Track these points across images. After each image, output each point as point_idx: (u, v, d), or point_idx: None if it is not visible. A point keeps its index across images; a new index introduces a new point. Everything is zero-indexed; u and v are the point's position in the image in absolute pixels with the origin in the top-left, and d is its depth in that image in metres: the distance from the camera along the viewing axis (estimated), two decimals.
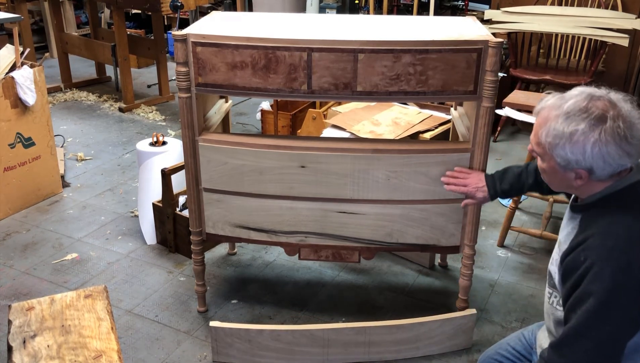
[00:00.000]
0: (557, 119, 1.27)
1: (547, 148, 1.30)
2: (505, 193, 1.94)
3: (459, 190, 2.01)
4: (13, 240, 2.95)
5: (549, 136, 1.29)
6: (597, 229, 1.28)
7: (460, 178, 2.01)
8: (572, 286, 1.29)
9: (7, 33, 3.95)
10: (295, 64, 1.90)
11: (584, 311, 1.25)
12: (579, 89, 1.30)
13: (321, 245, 2.18)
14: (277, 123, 3.81)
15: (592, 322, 1.24)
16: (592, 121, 1.24)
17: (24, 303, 1.78)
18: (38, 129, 3.23)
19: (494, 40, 1.86)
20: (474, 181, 1.98)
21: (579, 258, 1.28)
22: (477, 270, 2.67)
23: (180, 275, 2.69)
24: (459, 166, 2.02)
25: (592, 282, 1.24)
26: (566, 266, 1.33)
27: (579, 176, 1.30)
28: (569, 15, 3.86)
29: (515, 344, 1.70)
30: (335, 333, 2.13)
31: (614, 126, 1.23)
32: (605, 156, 1.24)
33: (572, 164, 1.28)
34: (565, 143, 1.26)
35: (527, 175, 1.87)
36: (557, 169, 1.32)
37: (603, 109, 1.25)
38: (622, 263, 1.22)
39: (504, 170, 1.96)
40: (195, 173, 2.13)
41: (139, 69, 5.82)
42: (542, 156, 1.35)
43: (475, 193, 1.98)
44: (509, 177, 1.92)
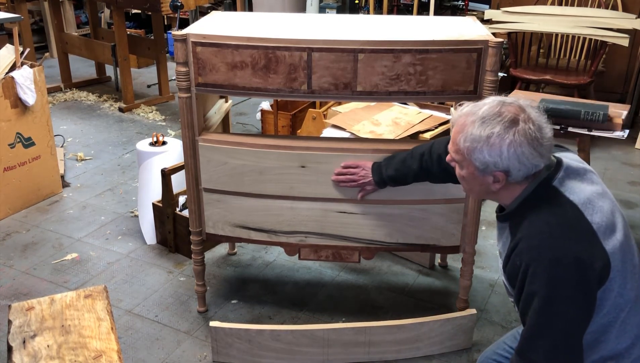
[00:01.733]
0: (474, 124, 1.32)
1: (466, 153, 1.34)
2: (392, 178, 1.95)
3: (349, 185, 2.03)
4: (13, 240, 2.95)
5: (467, 141, 1.33)
6: (522, 232, 1.33)
7: (349, 173, 2.02)
8: (518, 291, 1.34)
9: (7, 33, 3.95)
10: (295, 64, 1.90)
11: (532, 313, 1.29)
12: (491, 98, 1.37)
13: (321, 245, 2.18)
14: (277, 123, 3.81)
15: (542, 321, 1.28)
16: (506, 123, 1.29)
17: (24, 303, 1.78)
18: (38, 129, 3.23)
19: (494, 40, 1.86)
20: (360, 173, 2.00)
21: (516, 263, 1.32)
22: (477, 270, 2.67)
23: (180, 275, 2.69)
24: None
25: (531, 283, 1.28)
26: (508, 273, 1.37)
27: (496, 179, 1.35)
28: (569, 15, 3.86)
29: (511, 342, 1.70)
30: (335, 333, 2.13)
31: (526, 128, 1.29)
32: (520, 156, 1.29)
33: (490, 167, 1.32)
34: (482, 146, 1.31)
35: (412, 160, 1.89)
36: (476, 174, 1.36)
37: (515, 113, 1.31)
38: (551, 256, 1.26)
39: (391, 156, 1.98)
40: (195, 173, 2.13)
41: (139, 69, 5.82)
42: (461, 162, 1.39)
43: (365, 184, 2.00)
44: (394, 163, 1.94)
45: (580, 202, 1.32)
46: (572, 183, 1.35)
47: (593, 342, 1.34)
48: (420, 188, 2.04)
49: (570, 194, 1.33)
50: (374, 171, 1.98)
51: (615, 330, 1.33)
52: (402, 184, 1.98)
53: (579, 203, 1.32)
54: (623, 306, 1.32)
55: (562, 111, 2.44)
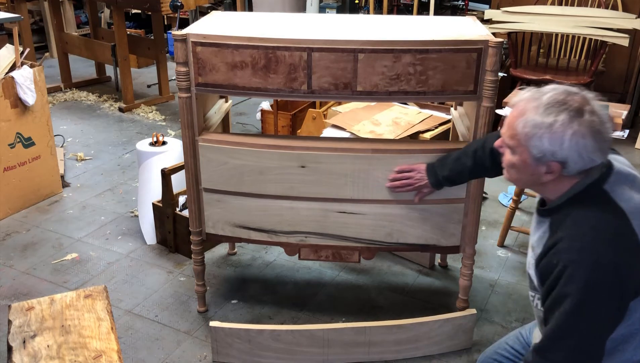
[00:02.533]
0: (537, 110, 1.27)
1: (523, 139, 1.30)
2: (448, 178, 1.93)
3: (405, 190, 2.02)
4: (13, 240, 2.95)
5: (527, 127, 1.28)
6: (564, 231, 1.30)
7: (404, 178, 2.01)
8: (548, 289, 1.31)
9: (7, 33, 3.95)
10: (295, 64, 1.90)
11: (562, 313, 1.26)
12: (553, 85, 1.32)
13: (321, 245, 2.18)
14: (277, 123, 3.81)
15: (570, 323, 1.26)
16: (571, 112, 1.25)
17: (23, 303, 1.78)
18: (38, 129, 3.23)
19: (494, 40, 1.86)
20: (416, 176, 1.99)
21: (552, 262, 1.29)
22: (477, 270, 2.67)
23: (180, 275, 2.69)
24: None
25: (566, 284, 1.25)
26: (541, 270, 1.35)
27: (550, 169, 1.30)
28: (569, 15, 3.86)
29: (513, 343, 1.70)
30: (335, 333, 2.13)
31: (591, 120, 1.24)
32: (581, 148, 1.25)
33: (547, 156, 1.28)
34: (544, 133, 1.26)
35: (466, 158, 1.87)
36: (529, 162, 1.32)
37: (580, 103, 1.26)
38: (592, 262, 1.23)
39: (444, 156, 1.96)
40: (195, 173, 2.13)
41: (139, 69, 5.82)
42: (514, 148, 1.34)
43: (422, 188, 1.99)
44: (448, 162, 1.93)
45: (630, 211, 1.28)
46: (622, 189, 1.31)
47: (611, 349, 1.32)
48: None
49: (620, 201, 1.29)
50: (429, 172, 1.96)
51: (635, 341, 1.32)
52: (459, 183, 1.97)
53: (628, 211, 1.28)
54: None
55: None
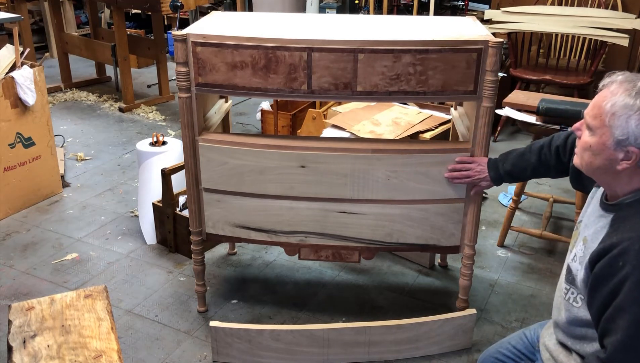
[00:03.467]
0: (630, 92, 1.24)
1: (608, 118, 1.26)
2: (509, 174, 1.92)
3: (464, 181, 2.01)
4: (13, 240, 2.95)
5: (616, 107, 1.25)
6: (635, 232, 1.24)
7: (463, 170, 2.00)
8: (609, 294, 1.24)
9: (7, 33, 3.95)
10: (295, 64, 1.90)
11: (630, 323, 1.20)
12: None
13: (321, 245, 2.18)
14: (277, 123, 3.81)
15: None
16: None
17: (24, 303, 1.78)
18: (38, 129, 3.23)
19: (494, 40, 1.86)
20: (476, 170, 1.98)
21: (616, 263, 1.23)
22: (477, 270, 2.67)
23: (180, 275, 2.69)
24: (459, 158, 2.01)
25: (635, 290, 1.20)
26: (599, 269, 1.28)
27: (628, 156, 1.26)
28: (569, 15, 3.86)
29: (516, 343, 1.69)
30: (335, 333, 2.13)
31: None
32: None
33: (629, 140, 1.24)
34: (632, 115, 1.23)
35: (530, 154, 1.85)
36: (608, 144, 1.27)
37: None
38: None
39: (507, 152, 1.95)
40: (195, 173, 2.13)
41: (139, 69, 5.82)
42: (596, 129, 1.29)
43: (480, 181, 1.98)
44: (511, 157, 1.92)
45: None
46: None
47: None
48: (420, 188, 2.04)
49: None
50: (490, 166, 1.95)
51: None
52: (520, 179, 1.95)
53: None
54: None
55: (562, 111, 2.44)
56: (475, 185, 2.02)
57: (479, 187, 2.02)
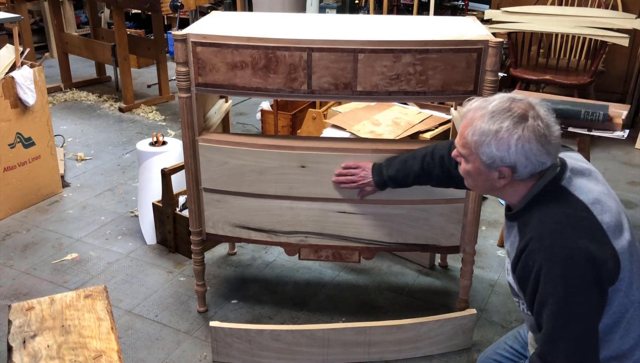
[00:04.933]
0: (483, 118, 1.32)
1: (473, 147, 1.33)
2: (393, 179, 1.94)
3: (350, 186, 2.02)
4: (13, 240, 2.95)
5: (475, 135, 1.32)
6: (532, 232, 1.31)
7: (348, 174, 2.01)
8: (531, 292, 1.31)
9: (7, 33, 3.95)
10: (295, 64, 1.90)
11: (550, 315, 1.27)
12: (500, 94, 1.37)
13: (321, 245, 2.18)
14: (277, 123, 3.81)
15: (560, 323, 1.26)
16: (515, 119, 1.29)
17: (24, 303, 1.77)
18: (38, 129, 3.23)
19: (494, 40, 1.86)
20: (360, 173, 1.99)
21: (528, 264, 1.30)
22: (477, 270, 2.66)
23: (180, 275, 2.69)
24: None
25: (545, 283, 1.27)
26: (519, 274, 1.36)
27: (502, 175, 1.34)
28: (569, 15, 3.86)
29: (512, 342, 1.70)
30: (335, 333, 2.13)
31: (535, 125, 1.29)
32: (527, 152, 1.29)
33: (497, 162, 1.32)
34: (491, 140, 1.30)
35: (413, 161, 1.89)
36: (482, 169, 1.35)
37: (524, 109, 1.31)
38: (564, 256, 1.25)
39: (392, 157, 1.98)
40: (195, 173, 2.13)
41: (139, 69, 5.82)
42: (467, 156, 1.38)
43: (364, 186, 2.00)
44: (395, 163, 1.94)
45: (590, 202, 1.31)
46: (579, 183, 1.35)
47: (607, 332, 1.32)
48: (420, 188, 2.04)
49: (580, 194, 1.32)
50: (374, 171, 1.97)
51: (620, 330, 1.32)
52: (403, 186, 1.97)
53: (588, 202, 1.31)
54: (629, 306, 1.31)
55: (562, 111, 2.44)
56: (361, 190, 2.03)
57: (364, 192, 2.03)
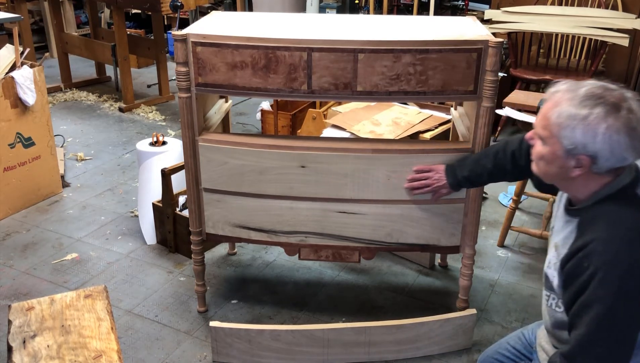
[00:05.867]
0: (572, 102, 1.26)
1: (556, 129, 1.28)
2: (467, 179, 1.93)
3: (423, 191, 2.01)
4: (13, 240, 2.95)
5: (561, 117, 1.26)
6: (597, 233, 1.27)
7: (422, 178, 2.00)
8: (576, 292, 1.28)
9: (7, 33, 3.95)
10: (295, 64, 1.90)
11: (593, 318, 1.24)
12: (592, 80, 1.30)
13: (321, 245, 2.18)
14: (277, 123, 3.81)
15: (601, 328, 1.23)
16: (607, 106, 1.23)
17: (24, 303, 1.77)
18: (38, 129, 3.23)
19: (494, 40, 1.86)
20: (434, 176, 1.98)
21: (582, 264, 1.26)
22: (477, 270, 2.66)
23: (180, 275, 2.69)
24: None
25: (597, 288, 1.23)
26: (568, 272, 1.32)
27: (579, 164, 1.28)
28: (569, 15, 3.86)
29: (515, 343, 1.70)
30: (335, 333, 2.13)
31: (627, 116, 1.22)
32: (614, 144, 1.23)
33: (578, 148, 1.26)
34: (577, 125, 1.24)
35: (486, 159, 1.87)
36: (559, 154, 1.29)
37: (618, 98, 1.24)
38: (626, 266, 1.22)
39: (463, 158, 1.96)
40: (195, 173, 2.13)
41: (139, 69, 5.82)
42: (546, 139, 1.32)
43: (440, 189, 1.99)
44: (468, 163, 1.93)
45: None
46: None
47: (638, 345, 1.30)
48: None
49: None
50: (448, 173, 1.96)
51: None
52: (477, 185, 1.96)
53: None
54: None
55: None
56: (435, 193, 2.02)
57: (439, 194, 2.02)
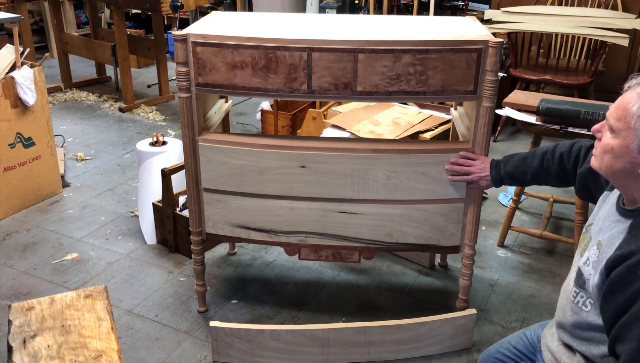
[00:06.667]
0: None
1: (634, 121, 1.22)
2: (510, 175, 1.92)
3: (463, 179, 2.00)
4: (13, 240, 2.95)
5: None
6: None
7: (465, 166, 1.99)
8: (625, 302, 1.22)
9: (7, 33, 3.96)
10: (295, 64, 1.90)
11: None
12: None
13: (321, 245, 2.18)
14: (277, 123, 3.81)
15: None
16: None
17: (24, 303, 1.78)
18: (38, 129, 3.23)
19: (494, 40, 1.86)
20: (478, 168, 1.98)
21: (634, 272, 1.21)
22: (477, 270, 2.67)
23: (180, 275, 2.69)
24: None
25: None
26: (616, 276, 1.26)
27: None
28: (569, 15, 3.86)
29: (516, 343, 1.69)
30: (335, 333, 2.13)
31: None
32: None
33: None
34: None
35: (533, 159, 1.86)
36: (631, 148, 1.24)
37: None
38: None
39: (510, 155, 1.96)
40: (195, 173, 2.13)
41: (139, 69, 5.82)
42: (619, 131, 1.26)
43: (479, 181, 1.98)
44: (514, 160, 1.92)
45: None
46: None
47: None
48: (420, 188, 2.04)
49: None
50: (492, 166, 1.95)
51: None
52: (520, 183, 1.94)
53: None
54: None
55: (562, 111, 2.44)
56: (473, 182, 2.01)
57: (477, 185, 2.01)
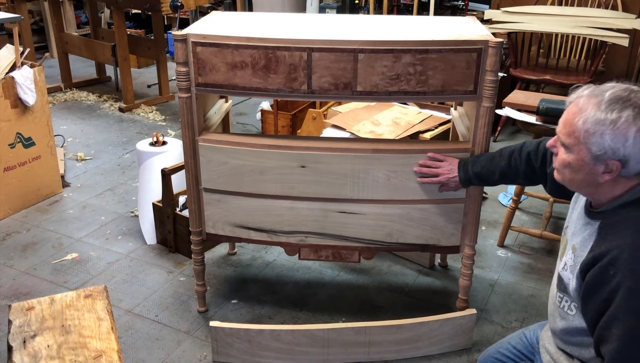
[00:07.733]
0: (598, 106, 1.22)
1: (582, 136, 1.24)
2: (477, 176, 1.91)
3: (431, 181, 2.00)
4: (13, 240, 2.95)
5: (588, 123, 1.23)
6: (621, 240, 1.23)
7: (433, 167, 1.99)
8: (602, 302, 1.23)
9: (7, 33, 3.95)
10: (295, 64, 1.90)
11: (625, 332, 1.19)
12: (613, 83, 1.27)
13: (321, 245, 2.18)
14: (277, 123, 3.81)
15: (635, 341, 1.19)
16: (636, 109, 1.20)
17: (24, 303, 1.78)
18: (38, 129, 3.23)
19: (494, 40, 1.86)
20: (445, 169, 1.97)
21: (607, 272, 1.22)
22: (477, 270, 2.67)
23: (180, 275, 2.69)
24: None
25: (627, 299, 1.19)
26: (591, 279, 1.27)
27: (608, 169, 1.25)
28: (569, 15, 3.86)
29: (516, 343, 1.69)
30: (335, 333, 2.13)
31: None
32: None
33: (607, 154, 1.22)
34: (606, 130, 1.20)
35: (500, 158, 1.86)
36: (587, 161, 1.25)
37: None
38: None
39: (478, 155, 1.96)
40: (195, 173, 2.13)
41: (139, 69, 5.82)
42: (571, 146, 1.28)
43: (448, 182, 1.97)
44: (482, 160, 1.92)
45: None
46: None
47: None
48: (420, 188, 2.04)
49: None
50: (460, 167, 1.95)
51: None
52: (488, 183, 1.94)
53: None
54: None
55: (562, 111, 2.43)
56: (442, 184, 2.00)
57: (446, 187, 2.00)
